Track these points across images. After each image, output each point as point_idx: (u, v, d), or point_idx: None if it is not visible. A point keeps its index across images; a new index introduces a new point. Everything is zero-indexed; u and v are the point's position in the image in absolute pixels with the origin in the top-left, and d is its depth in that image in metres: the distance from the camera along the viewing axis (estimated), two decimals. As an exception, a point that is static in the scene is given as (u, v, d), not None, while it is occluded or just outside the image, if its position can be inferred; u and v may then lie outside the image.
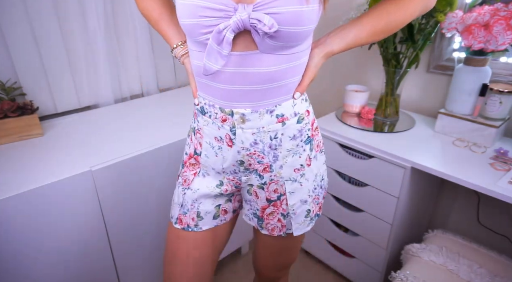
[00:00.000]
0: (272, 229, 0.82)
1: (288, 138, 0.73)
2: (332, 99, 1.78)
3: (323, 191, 0.86)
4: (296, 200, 0.79)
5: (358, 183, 1.32)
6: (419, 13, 0.74)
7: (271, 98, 0.68)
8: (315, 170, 0.80)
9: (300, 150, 0.76)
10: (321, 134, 0.83)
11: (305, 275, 1.61)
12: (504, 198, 0.93)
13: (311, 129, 0.77)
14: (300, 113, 0.73)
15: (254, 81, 0.65)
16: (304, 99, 0.75)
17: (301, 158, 0.76)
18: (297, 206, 0.80)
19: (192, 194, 0.81)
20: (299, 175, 0.77)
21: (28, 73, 1.28)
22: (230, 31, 0.58)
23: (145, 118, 1.37)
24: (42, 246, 0.98)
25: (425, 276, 1.06)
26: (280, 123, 0.71)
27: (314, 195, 0.82)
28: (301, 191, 0.79)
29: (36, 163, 1.03)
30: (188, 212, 0.82)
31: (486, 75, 1.15)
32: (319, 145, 0.81)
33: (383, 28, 0.72)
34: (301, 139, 0.75)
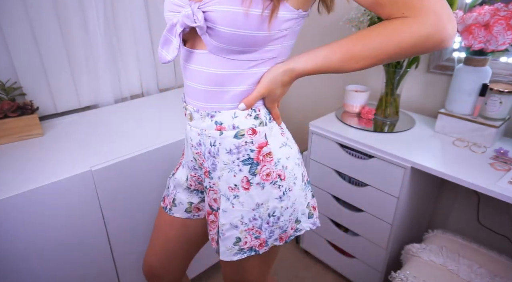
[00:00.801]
0: (212, 238, 0.81)
1: (224, 150, 0.70)
2: (332, 99, 1.78)
3: (273, 229, 0.75)
4: (226, 221, 0.73)
5: (358, 183, 1.32)
6: (413, 45, 0.58)
7: (213, 102, 0.68)
8: (256, 198, 0.72)
9: (235, 168, 0.71)
10: (284, 167, 0.72)
11: (305, 275, 1.61)
12: (504, 198, 0.93)
13: (256, 152, 0.70)
14: (240, 129, 0.68)
15: (199, 80, 0.68)
16: (253, 116, 0.69)
17: (236, 177, 0.71)
18: (226, 228, 0.74)
19: (173, 180, 0.89)
20: (232, 195, 0.73)
21: (28, 73, 1.28)
22: (179, 25, 0.62)
23: (145, 118, 1.37)
24: (42, 245, 0.98)
25: (425, 276, 1.06)
26: (218, 131, 0.69)
27: (251, 225, 0.74)
28: (232, 213, 0.73)
29: (36, 163, 1.03)
30: (169, 195, 0.90)
31: (486, 75, 1.15)
32: (269, 175, 0.71)
33: (360, 53, 0.61)
34: (238, 157, 0.70)
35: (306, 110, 1.92)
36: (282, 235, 0.77)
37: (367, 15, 1.26)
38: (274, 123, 0.73)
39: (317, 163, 1.43)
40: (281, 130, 0.74)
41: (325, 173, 1.41)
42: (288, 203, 0.74)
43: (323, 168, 1.41)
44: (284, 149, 0.73)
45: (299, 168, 0.76)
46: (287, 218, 0.75)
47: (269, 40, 0.62)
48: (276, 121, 0.73)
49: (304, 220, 0.79)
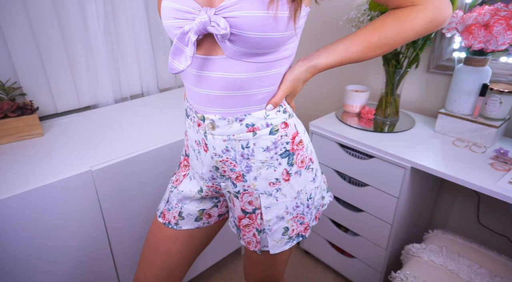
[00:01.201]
0: (248, 242, 0.81)
1: (261, 149, 0.71)
2: (332, 99, 1.78)
3: (311, 210, 0.80)
4: (272, 215, 0.76)
5: (358, 183, 1.32)
6: (424, 29, 0.66)
7: (240, 106, 0.67)
8: (296, 187, 0.76)
9: (275, 162, 0.72)
10: (311, 150, 0.78)
11: (305, 275, 1.61)
12: (504, 198, 0.93)
13: (290, 143, 0.73)
14: (274, 125, 0.70)
15: (219, 87, 0.65)
16: (282, 111, 0.71)
17: (276, 172, 0.73)
18: (273, 222, 0.76)
19: (177, 194, 0.85)
20: (274, 189, 0.74)
21: (28, 73, 1.28)
22: (193, 33, 0.59)
23: (145, 118, 1.37)
24: (42, 246, 0.98)
25: (425, 276, 1.06)
26: (251, 132, 0.69)
27: (295, 213, 0.77)
28: (277, 206, 0.75)
29: (36, 163, 1.03)
30: (172, 209, 0.86)
31: (486, 75, 1.15)
32: (304, 161, 0.75)
33: (378, 42, 0.66)
34: (276, 152, 0.72)
35: (306, 110, 1.92)
36: (316, 214, 0.83)
37: (367, 15, 1.26)
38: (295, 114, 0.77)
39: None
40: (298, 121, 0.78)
41: (325, 173, 1.41)
42: (317, 182, 0.81)
43: (323, 168, 1.41)
44: (306, 135, 0.78)
45: (313, 150, 0.82)
46: (319, 197, 0.83)
47: (288, 40, 0.63)
48: None
49: (325, 195, 0.86)
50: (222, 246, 1.54)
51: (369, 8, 1.22)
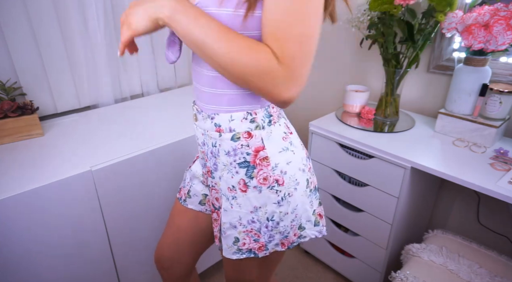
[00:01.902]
0: (215, 235, 0.82)
1: (223, 151, 0.71)
2: (332, 99, 1.78)
3: (273, 233, 0.75)
4: (227, 220, 0.75)
5: (358, 183, 1.32)
6: (249, 74, 0.55)
7: (212, 104, 0.69)
8: (254, 201, 0.72)
9: (233, 169, 0.72)
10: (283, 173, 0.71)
11: (305, 275, 1.61)
12: (504, 198, 0.93)
13: (252, 155, 0.69)
14: (236, 132, 0.69)
15: (201, 82, 0.69)
16: (249, 119, 0.68)
17: (234, 179, 0.72)
18: (227, 227, 0.76)
19: (189, 173, 0.91)
20: (231, 195, 0.74)
21: (28, 73, 1.28)
22: None
23: (145, 118, 1.37)
24: (42, 246, 0.98)
25: (425, 276, 1.06)
26: (218, 133, 0.70)
27: (249, 227, 0.74)
28: (231, 213, 0.74)
29: (36, 163, 1.03)
30: (185, 186, 0.93)
31: (486, 75, 1.15)
32: (267, 179, 0.70)
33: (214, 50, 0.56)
34: (235, 159, 0.71)
35: (306, 110, 1.92)
36: (283, 241, 0.76)
37: (367, 15, 1.26)
38: (274, 127, 0.71)
39: (317, 163, 1.43)
40: (284, 134, 0.72)
41: (325, 173, 1.41)
42: (288, 208, 0.73)
43: (323, 168, 1.41)
44: (284, 154, 0.71)
45: (304, 174, 0.74)
46: (288, 224, 0.75)
47: None
48: (119, 51, 0.66)
49: (309, 227, 0.78)
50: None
51: (369, 8, 1.22)
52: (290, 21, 0.53)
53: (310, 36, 0.54)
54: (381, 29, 1.24)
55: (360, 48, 1.52)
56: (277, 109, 0.73)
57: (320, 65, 1.76)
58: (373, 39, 1.29)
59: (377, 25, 1.25)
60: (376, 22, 1.25)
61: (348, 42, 1.60)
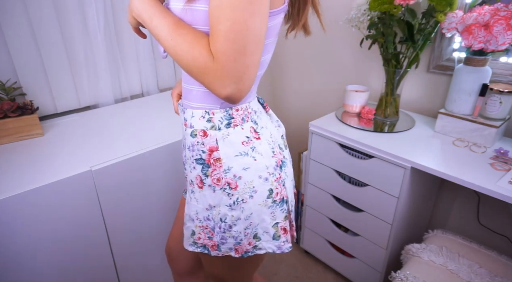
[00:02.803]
0: None
1: (187, 145, 0.74)
2: (332, 99, 1.78)
3: (225, 236, 0.74)
4: (188, 211, 0.78)
5: (358, 183, 1.32)
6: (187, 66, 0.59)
7: (185, 99, 0.73)
8: (209, 199, 0.72)
9: (192, 164, 0.74)
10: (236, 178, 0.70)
11: (305, 275, 1.61)
12: (504, 198, 0.93)
13: (207, 154, 0.70)
14: (194, 129, 0.70)
15: (183, 77, 0.72)
16: (207, 118, 0.69)
17: (192, 173, 0.74)
18: (187, 218, 0.78)
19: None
20: (190, 189, 0.77)
21: (28, 73, 1.28)
22: None
23: (145, 119, 1.37)
24: (42, 246, 0.98)
25: (425, 276, 1.06)
26: (185, 127, 0.74)
27: (205, 223, 0.75)
28: (190, 206, 0.76)
29: (36, 163, 1.03)
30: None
31: (486, 75, 1.15)
32: (220, 180, 0.70)
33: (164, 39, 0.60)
34: (193, 155, 0.72)
35: (306, 110, 1.92)
36: (237, 247, 0.75)
37: (367, 15, 1.26)
38: (234, 130, 0.69)
39: (317, 163, 1.43)
40: (246, 139, 0.70)
41: (325, 173, 1.41)
42: (241, 214, 0.72)
43: (323, 168, 1.41)
44: (241, 159, 0.69)
45: (266, 183, 0.71)
46: (241, 230, 0.73)
47: None
48: None
49: (266, 239, 0.75)
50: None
51: (369, 8, 1.22)
52: (219, 16, 0.53)
53: (242, 31, 0.53)
54: (381, 29, 1.24)
55: (360, 48, 1.52)
56: (244, 112, 0.71)
57: (320, 65, 1.76)
58: (373, 39, 1.29)
59: (377, 25, 1.25)
60: (376, 22, 1.25)
61: (348, 42, 1.60)
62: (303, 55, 1.81)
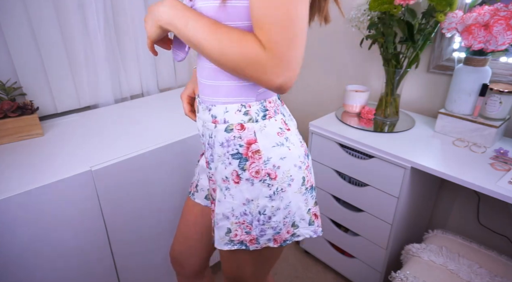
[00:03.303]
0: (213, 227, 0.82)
1: (218, 143, 0.72)
2: (332, 99, 1.78)
3: (265, 228, 0.75)
4: (220, 210, 0.76)
5: (358, 183, 1.32)
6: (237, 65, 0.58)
7: (211, 96, 0.71)
8: (246, 194, 0.73)
9: (226, 160, 0.72)
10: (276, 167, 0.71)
11: (305, 275, 1.61)
12: (504, 198, 0.93)
13: (244, 147, 0.70)
14: (230, 123, 0.70)
15: (202, 75, 0.71)
16: (243, 112, 0.70)
17: (227, 170, 0.73)
18: (219, 217, 0.76)
19: (198, 167, 0.93)
20: (224, 186, 0.74)
21: (28, 73, 1.28)
22: None
23: (145, 118, 1.37)
24: (42, 245, 0.98)
25: (425, 276, 1.06)
26: (213, 124, 0.72)
27: (242, 219, 0.74)
28: (224, 204, 0.75)
29: (36, 163, 1.03)
30: (194, 180, 0.95)
31: (486, 75, 1.15)
32: (259, 172, 0.71)
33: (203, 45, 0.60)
34: (228, 150, 0.71)
35: (306, 110, 1.92)
36: (276, 237, 0.76)
37: (367, 15, 1.26)
38: (269, 122, 0.71)
39: (317, 163, 1.43)
40: (279, 130, 0.72)
41: (325, 173, 1.41)
42: (281, 203, 0.73)
43: (323, 168, 1.41)
44: (278, 149, 0.71)
45: (300, 171, 0.74)
46: (280, 219, 0.74)
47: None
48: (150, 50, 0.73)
49: (303, 225, 0.78)
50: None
51: (369, 8, 1.22)
52: (268, 7, 0.54)
53: (293, 20, 0.54)
54: (381, 29, 1.24)
55: (360, 48, 1.52)
56: (275, 105, 0.73)
57: (320, 65, 1.76)
58: (373, 39, 1.29)
59: (377, 25, 1.25)
60: (376, 22, 1.25)
61: (348, 42, 1.60)
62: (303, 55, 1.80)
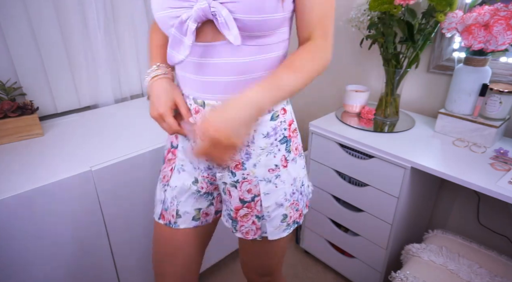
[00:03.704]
0: (246, 232, 0.80)
1: (261, 135, 0.71)
2: (332, 99, 1.78)
3: (304, 197, 0.82)
4: (271, 202, 0.76)
5: (358, 183, 1.32)
6: (318, 73, 0.68)
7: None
8: (293, 173, 0.76)
9: (275, 149, 0.73)
10: (300, 138, 0.80)
11: (305, 275, 1.61)
12: (504, 198, 0.93)
13: (288, 129, 0.74)
14: (275, 110, 0.71)
15: (223, 72, 0.65)
16: None
17: (276, 158, 0.73)
18: (272, 208, 0.76)
19: (171, 191, 0.81)
20: (274, 175, 0.75)
21: (28, 73, 1.28)
22: (192, 21, 0.59)
23: (145, 118, 1.37)
24: (42, 245, 0.98)
25: (425, 276, 1.06)
26: None
27: (292, 199, 0.78)
28: (276, 193, 0.75)
29: (36, 163, 1.03)
30: (168, 208, 0.83)
31: (486, 75, 1.15)
32: (298, 148, 0.78)
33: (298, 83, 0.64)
34: (276, 138, 0.73)
35: (306, 110, 1.92)
36: (306, 202, 0.84)
37: (367, 15, 1.26)
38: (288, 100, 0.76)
39: (317, 163, 1.43)
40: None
41: (325, 173, 1.41)
42: (306, 169, 0.83)
43: (323, 168, 1.41)
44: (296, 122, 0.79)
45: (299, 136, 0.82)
46: (307, 184, 0.83)
47: (283, 21, 0.65)
48: None
49: (309, 183, 0.86)
50: (222, 246, 1.54)
51: (369, 8, 1.22)
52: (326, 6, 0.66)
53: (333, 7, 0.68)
54: (381, 29, 1.24)
55: (360, 48, 1.52)
56: None
57: (320, 65, 1.76)
58: (373, 39, 1.29)
59: (377, 25, 1.25)
60: (376, 22, 1.25)
61: (348, 42, 1.60)
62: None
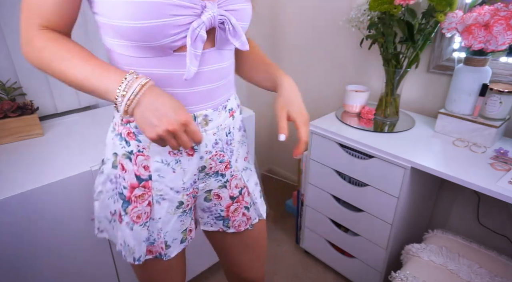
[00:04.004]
0: (238, 225, 0.86)
1: (237, 130, 0.78)
2: (332, 99, 1.78)
3: None
4: (252, 185, 0.85)
5: (358, 183, 1.32)
6: None
7: (224, 93, 0.71)
8: (250, 159, 0.87)
9: (245, 139, 0.83)
10: None
11: (305, 275, 1.61)
12: (504, 198, 0.93)
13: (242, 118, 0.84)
14: (239, 104, 0.80)
15: (213, 79, 0.66)
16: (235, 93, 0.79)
17: (246, 146, 0.84)
18: (255, 190, 0.86)
19: (155, 224, 0.73)
20: (247, 162, 0.84)
21: (28, 73, 1.28)
22: (203, 29, 0.57)
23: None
24: (42, 245, 0.98)
25: (425, 276, 1.06)
26: (231, 117, 0.75)
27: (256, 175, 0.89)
28: (253, 176, 0.86)
29: (36, 163, 1.03)
30: (155, 242, 0.75)
31: (486, 75, 1.15)
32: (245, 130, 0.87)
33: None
34: (244, 129, 0.83)
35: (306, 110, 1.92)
36: None
37: (367, 15, 1.26)
38: None
39: (317, 163, 1.43)
40: None
41: (325, 173, 1.41)
42: None
43: (323, 168, 1.41)
44: None
45: None
46: None
47: None
48: None
49: None
50: (222, 246, 1.53)
51: (369, 8, 1.22)
52: None
53: None
54: (381, 29, 1.24)
55: (360, 48, 1.52)
56: None
57: (320, 65, 1.76)
58: (373, 39, 1.29)
59: (377, 25, 1.25)
60: (376, 22, 1.25)
61: (348, 42, 1.60)
62: (303, 55, 1.81)
